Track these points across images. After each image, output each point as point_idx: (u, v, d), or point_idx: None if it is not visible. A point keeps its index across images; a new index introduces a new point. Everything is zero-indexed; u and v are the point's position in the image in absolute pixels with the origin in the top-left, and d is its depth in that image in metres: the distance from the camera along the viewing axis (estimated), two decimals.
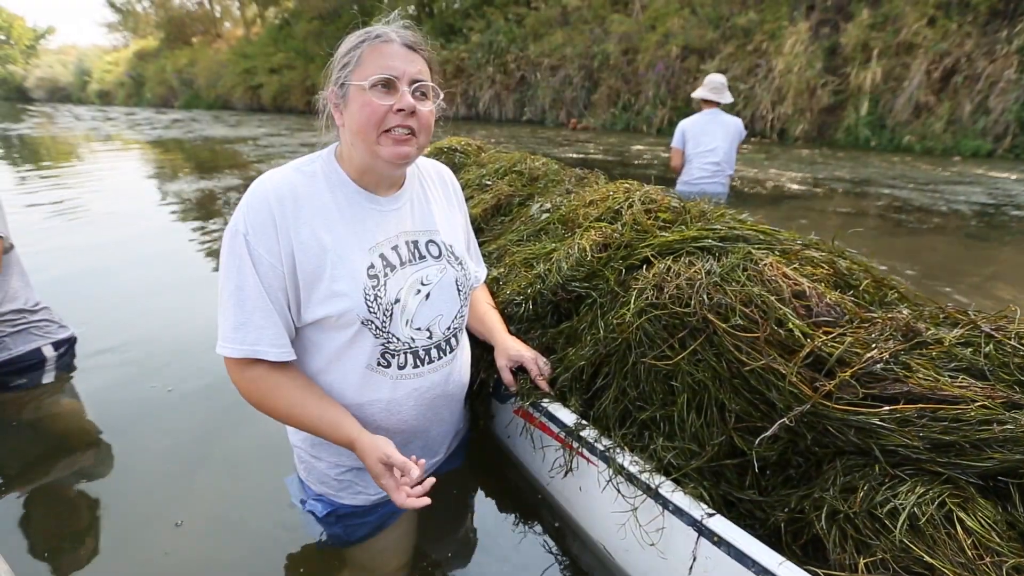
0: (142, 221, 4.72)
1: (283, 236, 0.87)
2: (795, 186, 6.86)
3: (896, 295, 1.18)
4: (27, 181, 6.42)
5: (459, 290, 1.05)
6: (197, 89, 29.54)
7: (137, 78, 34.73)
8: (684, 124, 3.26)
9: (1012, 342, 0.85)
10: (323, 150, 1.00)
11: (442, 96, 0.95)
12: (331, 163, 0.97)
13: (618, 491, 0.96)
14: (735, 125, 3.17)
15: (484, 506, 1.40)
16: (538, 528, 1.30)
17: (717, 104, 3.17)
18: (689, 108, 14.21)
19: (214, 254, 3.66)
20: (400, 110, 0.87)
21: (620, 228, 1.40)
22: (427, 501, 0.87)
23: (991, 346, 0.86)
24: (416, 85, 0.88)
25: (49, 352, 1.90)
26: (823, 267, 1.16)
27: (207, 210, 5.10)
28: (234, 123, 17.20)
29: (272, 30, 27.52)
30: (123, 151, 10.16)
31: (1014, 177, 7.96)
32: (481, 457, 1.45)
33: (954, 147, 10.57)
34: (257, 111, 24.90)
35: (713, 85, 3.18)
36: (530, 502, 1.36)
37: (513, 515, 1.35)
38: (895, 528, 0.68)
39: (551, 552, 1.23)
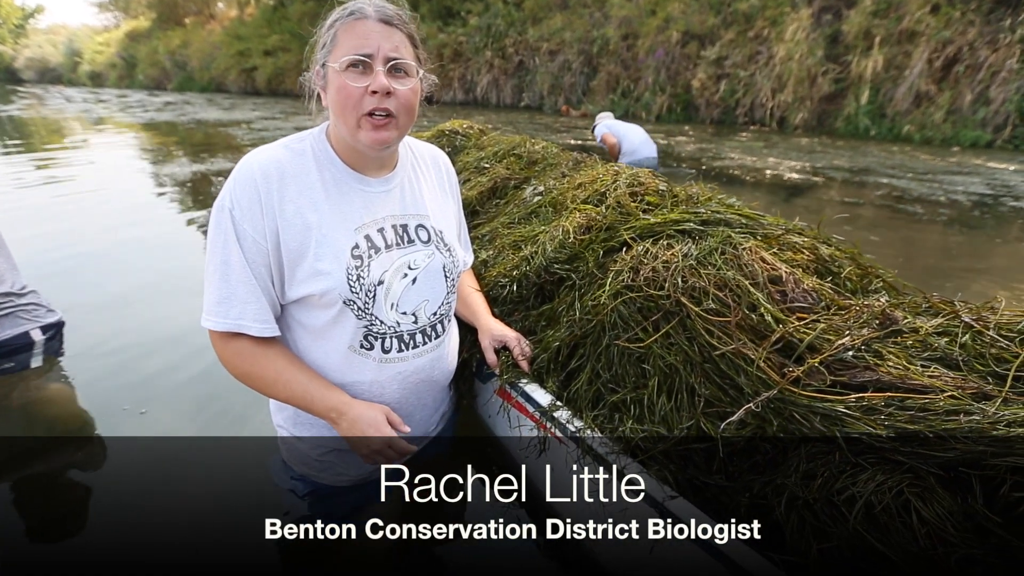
0: (133, 204, 4.68)
1: (268, 213, 0.87)
2: (794, 175, 6.83)
3: (881, 283, 1.17)
4: (15, 163, 6.34)
5: (447, 276, 1.04)
6: (190, 71, 29.04)
7: (129, 59, 34.11)
8: (608, 125, 4.40)
9: (991, 333, 0.84)
10: (315, 128, 0.98)
11: (422, 73, 0.92)
12: (321, 141, 0.95)
13: (585, 471, 0.96)
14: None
15: (473, 491, 1.40)
16: (516, 507, 1.31)
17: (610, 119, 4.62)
18: (688, 94, 14.08)
19: (204, 237, 3.63)
20: (375, 91, 0.84)
21: (603, 210, 1.39)
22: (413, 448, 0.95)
23: (968, 336, 0.84)
24: (392, 63, 0.85)
25: (37, 336, 1.88)
26: (804, 253, 1.15)
27: (200, 193, 5.05)
28: (228, 106, 16.97)
29: (266, 11, 26.97)
30: (115, 134, 10.03)
31: (1013, 168, 7.94)
32: (467, 441, 1.45)
33: (953, 137, 10.52)
34: (251, 94, 24.54)
35: (607, 114, 4.70)
36: (511, 482, 1.36)
37: (496, 494, 1.36)
38: (851, 515, 0.68)
39: (527, 530, 1.24)
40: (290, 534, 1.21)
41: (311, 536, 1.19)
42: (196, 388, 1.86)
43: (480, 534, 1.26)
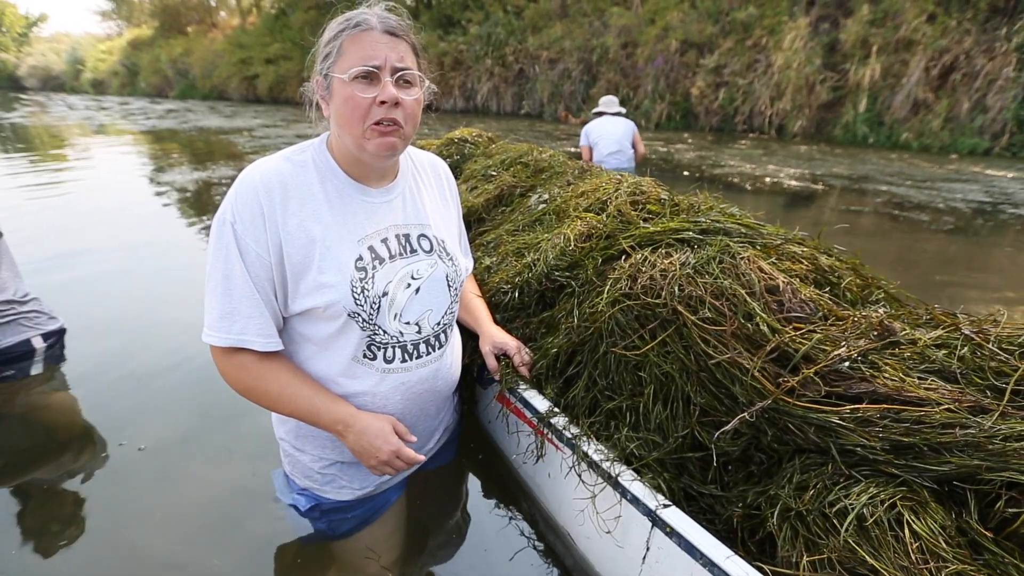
0: (135, 212, 4.69)
1: (271, 226, 0.86)
2: (793, 182, 6.86)
3: (882, 294, 1.16)
4: (18, 170, 6.36)
5: (449, 285, 1.04)
6: (192, 79, 29.25)
7: (131, 67, 34.35)
8: (588, 128, 4.37)
9: (991, 346, 0.83)
10: (316, 138, 0.98)
11: (428, 82, 0.92)
12: (322, 152, 0.95)
13: (580, 478, 0.96)
14: (625, 123, 4.34)
15: (471, 497, 1.40)
16: (516, 514, 1.31)
17: (606, 113, 4.45)
18: (687, 102, 14.16)
19: (207, 245, 3.63)
20: (383, 102, 0.84)
21: (604, 219, 1.40)
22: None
23: (967, 349, 0.83)
24: (399, 74, 0.86)
25: (38, 343, 1.88)
26: (803, 263, 1.15)
27: (201, 201, 5.07)
28: (229, 114, 17.07)
29: (268, 19, 27.21)
30: (117, 141, 10.07)
31: (1011, 175, 7.97)
32: (469, 447, 1.45)
33: (951, 145, 10.57)
34: (253, 102, 24.70)
35: (605, 102, 4.48)
36: (510, 488, 1.37)
37: (495, 501, 1.36)
38: (843, 528, 0.68)
39: (526, 537, 1.24)
40: (293, 544, 1.21)
41: (314, 547, 1.19)
42: (198, 398, 1.86)
43: (480, 541, 1.26)
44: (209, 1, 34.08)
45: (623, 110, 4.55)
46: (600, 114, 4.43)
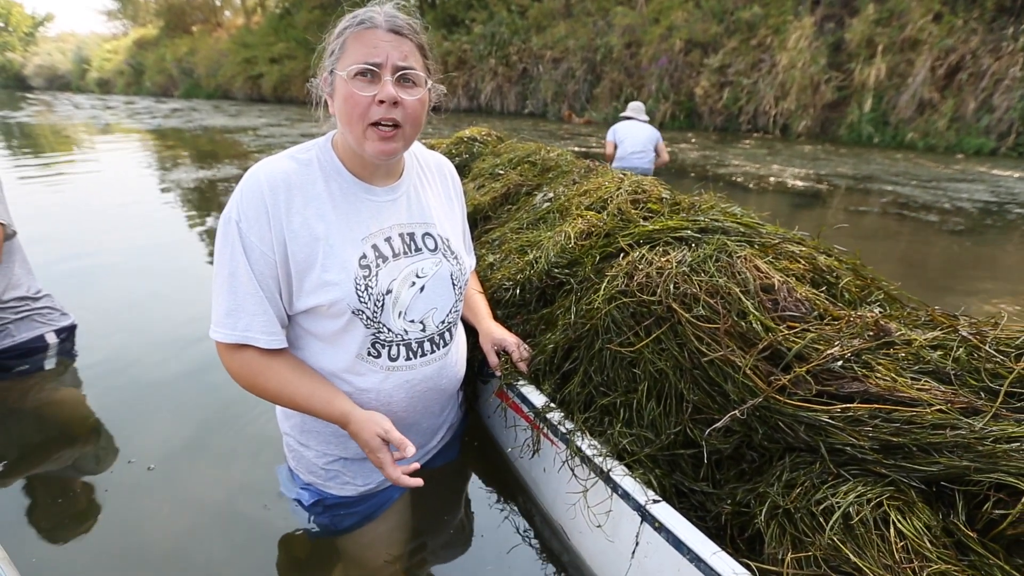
0: (141, 210, 4.72)
1: (275, 225, 0.87)
2: (798, 182, 6.84)
3: (882, 295, 1.16)
4: (25, 169, 6.42)
5: (454, 284, 1.04)
6: (197, 78, 29.42)
7: (136, 67, 34.57)
8: (616, 127, 4.71)
9: (987, 347, 0.82)
10: (321, 137, 0.98)
11: (431, 84, 0.91)
12: (327, 151, 0.95)
13: (572, 472, 0.96)
14: (651, 130, 4.68)
15: (471, 491, 1.41)
16: (513, 508, 1.32)
17: (635, 119, 4.79)
18: (692, 102, 14.14)
19: (212, 243, 3.65)
20: (382, 101, 0.84)
21: (605, 217, 1.41)
22: (419, 482, 0.89)
23: (963, 351, 0.83)
24: (400, 72, 0.85)
25: (51, 339, 1.91)
26: (800, 262, 1.15)
27: (206, 199, 5.10)
28: (234, 113, 17.15)
29: (273, 19, 27.33)
30: (122, 140, 10.14)
31: (1017, 175, 7.93)
32: (466, 440, 1.46)
33: (957, 145, 10.52)
34: (257, 101, 24.81)
35: (634, 108, 4.84)
36: (507, 482, 1.38)
37: (493, 495, 1.37)
38: (828, 526, 0.68)
39: (521, 532, 1.25)
40: (296, 539, 1.22)
41: (317, 542, 1.20)
42: (203, 393, 1.87)
43: (479, 534, 1.27)
44: (214, 1, 34.26)
45: (648, 118, 4.87)
46: (628, 118, 4.75)
